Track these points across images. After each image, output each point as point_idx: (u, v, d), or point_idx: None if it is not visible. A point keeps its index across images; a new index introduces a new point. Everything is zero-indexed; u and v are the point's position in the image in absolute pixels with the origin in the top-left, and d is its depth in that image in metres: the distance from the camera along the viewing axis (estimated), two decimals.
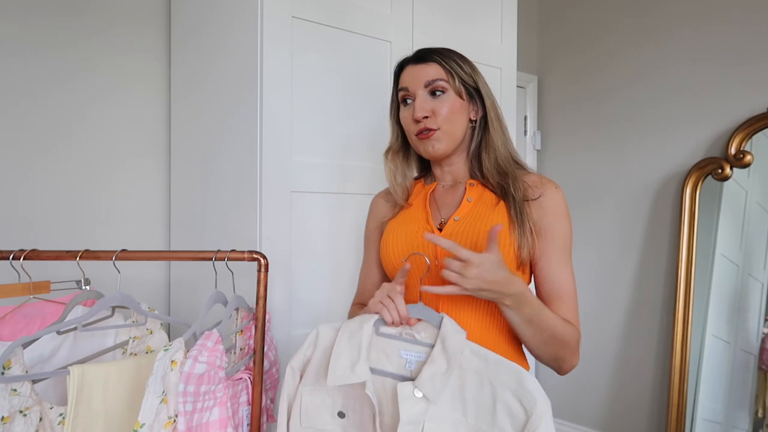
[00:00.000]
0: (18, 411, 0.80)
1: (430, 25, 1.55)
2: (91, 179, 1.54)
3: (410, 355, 0.81)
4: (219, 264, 0.95)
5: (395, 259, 0.96)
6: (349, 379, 0.78)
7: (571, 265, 0.93)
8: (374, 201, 1.11)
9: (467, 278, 0.77)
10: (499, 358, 0.77)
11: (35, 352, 0.92)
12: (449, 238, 0.91)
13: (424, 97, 0.94)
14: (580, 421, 2.32)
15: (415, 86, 0.94)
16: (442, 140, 0.94)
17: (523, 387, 0.73)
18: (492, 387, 0.76)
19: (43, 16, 1.45)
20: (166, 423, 0.78)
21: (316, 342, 0.86)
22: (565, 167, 2.43)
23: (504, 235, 0.89)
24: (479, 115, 0.98)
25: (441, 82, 0.93)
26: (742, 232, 1.88)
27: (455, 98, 0.94)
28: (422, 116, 0.92)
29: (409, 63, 0.97)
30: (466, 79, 0.95)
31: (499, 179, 0.94)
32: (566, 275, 0.91)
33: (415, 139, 0.96)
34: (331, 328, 0.86)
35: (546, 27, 2.52)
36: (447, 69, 0.94)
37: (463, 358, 0.78)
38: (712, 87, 1.95)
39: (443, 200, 1.00)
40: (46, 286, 0.97)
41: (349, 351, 0.80)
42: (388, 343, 0.83)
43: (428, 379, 0.76)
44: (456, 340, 0.78)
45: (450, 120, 0.94)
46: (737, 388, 1.86)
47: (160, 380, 0.78)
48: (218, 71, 1.40)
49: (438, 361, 0.78)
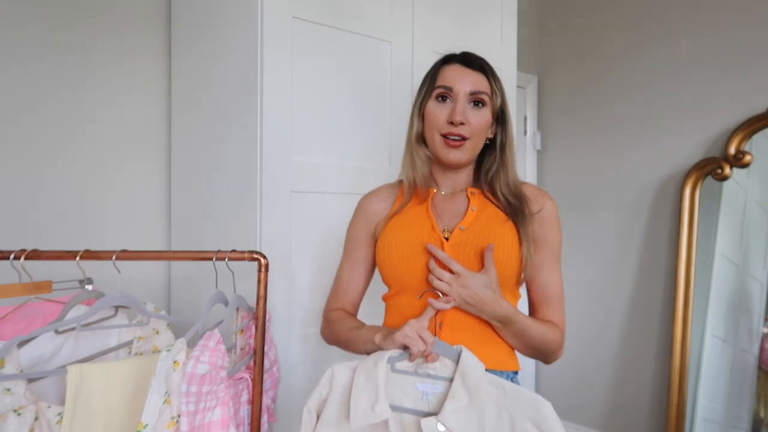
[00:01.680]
0: (11, 410, 0.79)
1: (430, 26, 1.55)
2: (91, 179, 1.54)
3: (427, 387, 0.83)
4: (219, 264, 0.95)
5: (399, 265, 0.95)
6: (371, 418, 0.80)
7: (560, 270, 1.00)
8: (363, 202, 1.08)
9: (454, 289, 0.86)
10: (516, 388, 0.79)
11: (36, 352, 0.92)
12: (456, 247, 0.92)
13: (464, 102, 0.94)
14: (580, 420, 2.32)
15: (459, 88, 0.94)
16: (466, 152, 0.95)
17: (540, 414, 0.76)
18: (510, 416, 0.78)
19: (47, 25, 1.45)
20: (169, 423, 0.78)
21: (331, 382, 0.87)
22: (565, 167, 2.43)
23: (513, 252, 0.92)
24: (495, 134, 0.99)
25: (485, 95, 0.94)
26: (742, 232, 1.88)
27: (489, 116, 0.96)
28: (460, 122, 0.92)
29: (455, 62, 0.97)
30: (500, 101, 0.97)
31: (512, 200, 0.96)
32: (556, 280, 0.98)
33: (439, 140, 0.95)
34: (346, 367, 0.87)
35: (546, 27, 2.52)
36: (492, 85, 0.96)
37: (481, 391, 0.80)
38: (711, 87, 1.95)
39: (444, 208, 0.99)
40: (47, 286, 0.97)
41: (367, 390, 0.82)
42: (404, 378, 0.84)
43: (452, 413, 0.78)
44: (476, 375, 0.80)
45: (479, 134, 0.95)
46: (737, 388, 1.86)
47: (163, 381, 0.79)
48: (218, 71, 1.40)
49: (459, 395, 0.80)
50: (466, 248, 0.92)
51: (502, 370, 0.93)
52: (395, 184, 1.07)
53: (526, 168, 2.50)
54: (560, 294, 0.98)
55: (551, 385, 2.45)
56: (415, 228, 0.96)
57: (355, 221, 1.08)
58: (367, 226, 1.05)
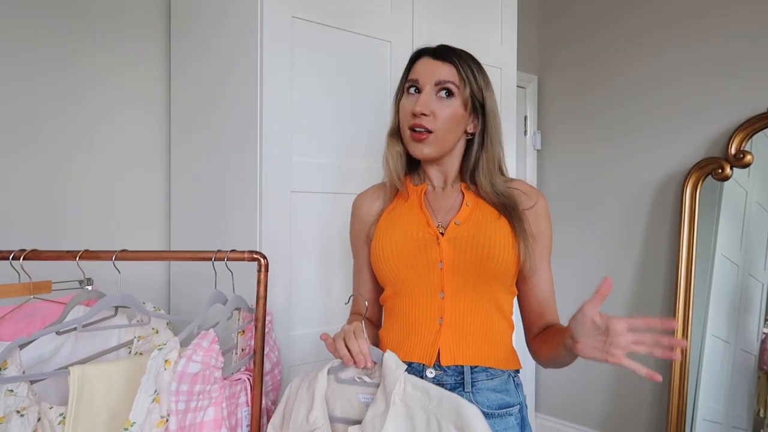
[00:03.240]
0: (14, 411, 0.79)
1: (430, 25, 1.55)
2: (91, 179, 1.54)
3: (366, 397, 0.82)
4: (219, 264, 0.95)
5: (395, 263, 0.93)
6: (304, 428, 0.79)
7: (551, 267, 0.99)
8: (355, 204, 1.07)
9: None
10: (440, 392, 0.77)
11: (35, 353, 0.92)
12: (452, 241, 0.91)
13: (430, 94, 0.92)
14: (580, 421, 2.32)
15: (425, 80, 0.92)
16: (432, 146, 0.93)
17: (461, 418, 0.73)
18: (438, 422, 0.76)
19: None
20: (158, 422, 0.78)
21: (288, 397, 0.87)
22: (565, 167, 2.43)
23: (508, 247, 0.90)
24: (478, 129, 0.96)
25: (451, 85, 0.92)
26: (742, 232, 1.88)
27: (459, 107, 0.93)
28: (421, 112, 0.90)
29: (425, 55, 0.95)
30: (475, 92, 0.94)
31: (496, 199, 0.94)
32: (551, 279, 0.98)
33: (407, 133, 0.94)
34: (298, 380, 0.87)
35: (546, 27, 2.52)
36: (461, 75, 0.92)
37: (407, 396, 0.77)
38: (712, 86, 1.95)
39: (437, 203, 0.98)
40: (47, 286, 0.97)
41: (306, 401, 0.82)
42: (348, 389, 0.83)
43: (370, 421, 0.77)
44: (392, 378, 0.77)
45: (446, 127, 0.92)
46: (737, 388, 1.86)
47: (152, 379, 0.79)
48: (218, 71, 1.40)
49: (379, 401, 0.78)
50: (461, 242, 0.90)
51: (504, 369, 0.93)
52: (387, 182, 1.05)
53: (526, 168, 2.50)
54: (554, 290, 0.98)
55: (551, 385, 2.45)
56: (409, 224, 0.95)
57: (351, 224, 1.08)
58: (362, 227, 1.04)
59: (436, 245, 0.91)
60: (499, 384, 0.91)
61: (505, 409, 0.90)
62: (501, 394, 0.91)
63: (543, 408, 2.44)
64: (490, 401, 0.89)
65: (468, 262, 0.90)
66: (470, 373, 0.89)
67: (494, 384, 0.91)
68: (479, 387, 0.89)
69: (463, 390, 0.89)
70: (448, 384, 0.89)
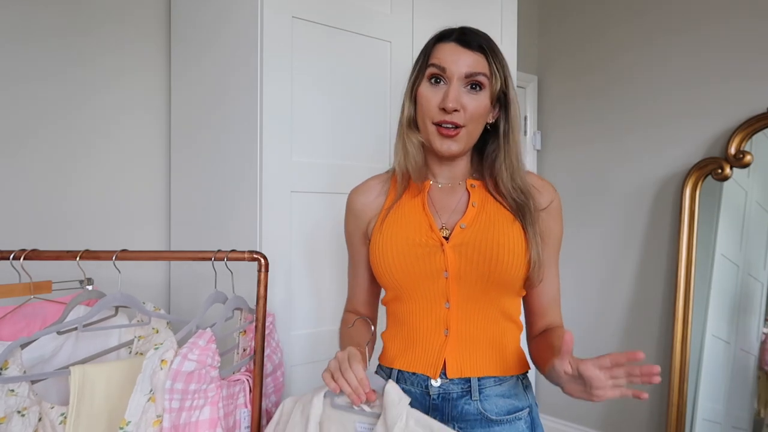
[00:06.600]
0: (16, 411, 0.80)
1: (430, 25, 1.55)
2: (92, 180, 1.54)
3: (364, 426, 0.80)
4: (219, 264, 0.95)
5: (397, 271, 0.87)
6: None
7: (558, 266, 0.94)
8: (350, 199, 0.99)
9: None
10: (443, 429, 0.75)
11: (36, 353, 0.92)
12: (458, 247, 0.85)
13: (459, 86, 0.84)
14: (580, 421, 2.32)
15: (453, 70, 0.83)
16: (461, 142, 0.85)
17: None
18: None
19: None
20: (154, 421, 0.78)
21: (280, 416, 0.86)
22: (565, 167, 2.43)
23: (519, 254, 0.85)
24: (495, 119, 0.90)
25: (483, 78, 0.84)
26: (742, 232, 1.88)
27: (487, 100, 0.85)
28: (453, 108, 0.82)
29: (451, 40, 0.86)
30: (502, 84, 0.86)
31: (516, 196, 0.87)
32: (557, 281, 0.94)
33: (432, 129, 0.85)
34: (291, 401, 0.85)
35: (546, 27, 2.52)
36: (492, 67, 0.85)
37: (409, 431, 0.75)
38: (711, 87, 1.95)
39: (441, 202, 0.91)
40: (47, 286, 0.97)
41: (300, 425, 0.80)
42: (344, 415, 0.80)
43: None
44: (395, 412, 0.75)
45: (475, 121, 0.85)
46: (737, 388, 1.86)
47: (148, 379, 0.79)
48: (218, 72, 1.40)
49: None
50: (467, 249, 0.84)
51: (512, 375, 0.90)
52: (385, 176, 0.98)
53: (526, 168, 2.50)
54: (559, 291, 0.93)
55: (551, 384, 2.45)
56: (411, 227, 0.88)
57: (346, 220, 1.00)
58: (358, 224, 0.97)
59: (441, 252, 0.85)
60: (508, 389, 0.89)
61: (514, 414, 0.87)
62: (510, 399, 0.88)
63: (543, 408, 2.44)
64: (498, 408, 0.87)
65: (474, 271, 0.84)
66: (477, 381, 0.86)
67: (502, 389, 0.88)
68: (487, 394, 0.87)
69: (470, 398, 0.86)
70: (455, 393, 0.86)
